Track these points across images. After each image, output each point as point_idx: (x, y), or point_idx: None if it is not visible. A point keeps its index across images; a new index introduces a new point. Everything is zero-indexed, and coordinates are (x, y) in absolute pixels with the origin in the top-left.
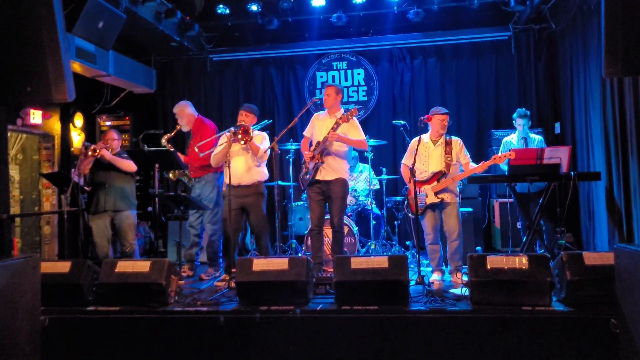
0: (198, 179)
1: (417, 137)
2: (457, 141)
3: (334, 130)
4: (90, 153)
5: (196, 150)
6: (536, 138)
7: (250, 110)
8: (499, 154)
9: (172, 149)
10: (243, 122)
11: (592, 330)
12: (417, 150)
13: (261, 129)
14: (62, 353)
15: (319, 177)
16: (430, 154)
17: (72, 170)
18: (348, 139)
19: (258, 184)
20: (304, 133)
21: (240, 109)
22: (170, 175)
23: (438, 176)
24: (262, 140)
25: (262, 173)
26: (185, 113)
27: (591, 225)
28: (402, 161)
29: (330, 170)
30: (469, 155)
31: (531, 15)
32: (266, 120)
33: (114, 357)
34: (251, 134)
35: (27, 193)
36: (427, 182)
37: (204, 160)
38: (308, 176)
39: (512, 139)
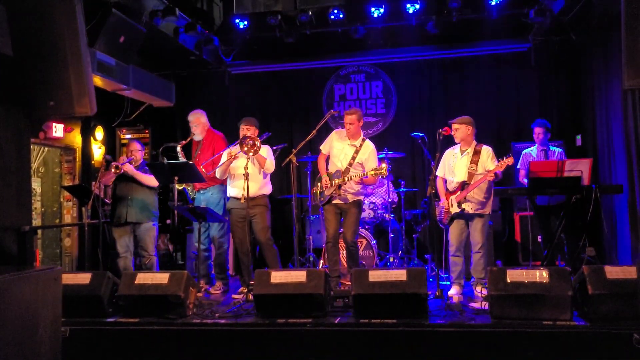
0: (203, 190)
1: (451, 148)
2: (485, 150)
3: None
4: (113, 170)
5: (201, 168)
6: (557, 150)
7: (251, 123)
8: (518, 165)
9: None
10: (249, 134)
11: (614, 346)
12: (446, 161)
13: (262, 142)
14: None
15: (335, 201)
16: (457, 163)
17: (93, 183)
18: (365, 180)
19: (262, 197)
20: (321, 148)
21: (240, 124)
22: (177, 186)
23: (462, 186)
24: (266, 152)
25: (268, 187)
26: (201, 121)
27: (613, 239)
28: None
29: (346, 197)
30: (497, 163)
31: (551, 26)
32: (266, 133)
33: None
34: (258, 145)
35: (49, 205)
36: (453, 192)
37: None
38: (322, 198)
39: (531, 151)
